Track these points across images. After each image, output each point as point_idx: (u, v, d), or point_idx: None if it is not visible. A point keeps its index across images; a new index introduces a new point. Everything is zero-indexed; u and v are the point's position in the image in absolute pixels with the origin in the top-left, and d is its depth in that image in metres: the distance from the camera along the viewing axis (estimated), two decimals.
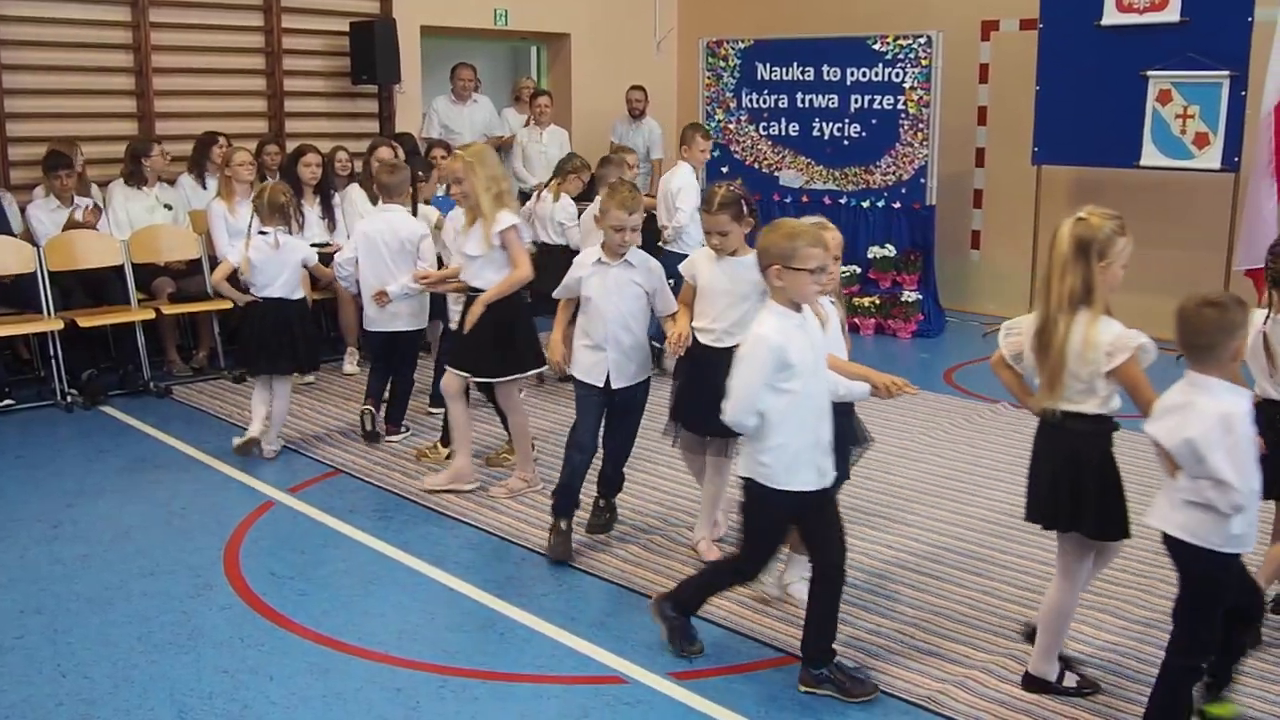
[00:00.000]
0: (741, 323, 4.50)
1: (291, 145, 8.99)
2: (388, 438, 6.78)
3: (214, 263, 8.20)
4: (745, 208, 4.75)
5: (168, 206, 8.46)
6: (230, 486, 6.05)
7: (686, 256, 5.21)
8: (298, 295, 6.59)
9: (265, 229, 6.40)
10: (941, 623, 4.45)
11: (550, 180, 8.44)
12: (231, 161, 8.08)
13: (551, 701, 3.93)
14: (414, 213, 7.12)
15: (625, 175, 7.32)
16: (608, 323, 5.00)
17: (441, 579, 4.91)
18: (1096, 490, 3.66)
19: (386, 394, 6.89)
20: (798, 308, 3.86)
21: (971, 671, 4.06)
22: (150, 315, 7.87)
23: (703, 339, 4.84)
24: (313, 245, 8.29)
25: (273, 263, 6.39)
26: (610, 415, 5.19)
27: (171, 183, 8.74)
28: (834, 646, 3.99)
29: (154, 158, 8.33)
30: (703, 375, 4.68)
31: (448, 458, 6.21)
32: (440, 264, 6.67)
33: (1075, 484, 3.67)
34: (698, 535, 5.14)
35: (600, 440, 5.23)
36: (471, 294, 5.66)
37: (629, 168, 7.82)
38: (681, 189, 7.95)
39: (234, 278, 6.48)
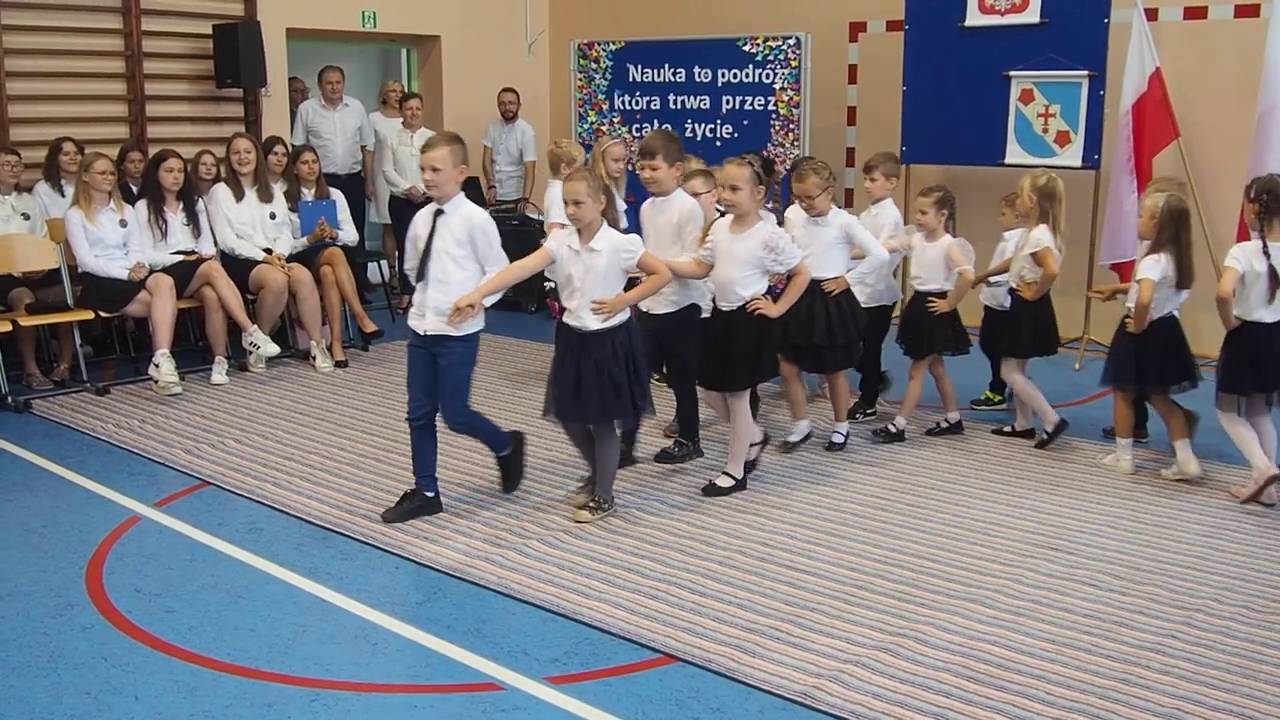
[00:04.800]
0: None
1: (154, 151, 8.76)
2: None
3: (73, 272, 7.99)
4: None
5: (25, 216, 8.17)
6: (93, 502, 5.87)
7: None
8: None
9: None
10: (816, 617, 4.48)
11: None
12: (91, 169, 7.82)
13: (426, 711, 3.87)
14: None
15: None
16: None
17: (314, 590, 4.81)
18: None
19: None
20: None
21: (846, 665, 4.09)
22: (7, 327, 7.60)
23: None
24: (177, 253, 8.16)
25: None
26: None
27: (29, 190, 8.45)
28: None
29: None
30: None
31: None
32: None
33: None
34: None
35: None
36: None
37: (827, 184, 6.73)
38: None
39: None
